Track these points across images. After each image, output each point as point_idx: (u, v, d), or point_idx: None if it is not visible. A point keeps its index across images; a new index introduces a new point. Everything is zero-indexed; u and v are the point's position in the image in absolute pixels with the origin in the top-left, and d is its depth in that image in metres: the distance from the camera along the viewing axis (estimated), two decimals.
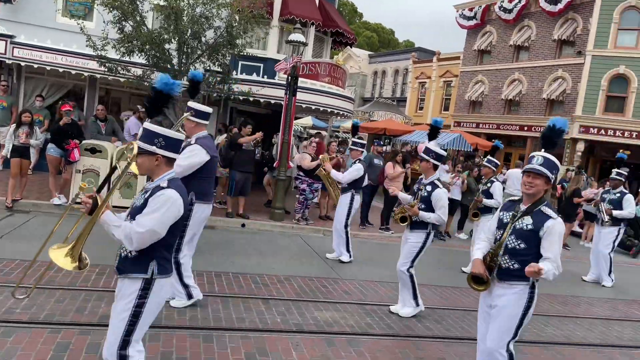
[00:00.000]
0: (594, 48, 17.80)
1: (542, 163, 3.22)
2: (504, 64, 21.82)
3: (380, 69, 33.45)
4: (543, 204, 3.25)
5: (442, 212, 5.08)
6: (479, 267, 3.34)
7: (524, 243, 3.23)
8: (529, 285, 3.27)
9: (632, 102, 17.29)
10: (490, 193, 7.70)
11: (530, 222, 3.22)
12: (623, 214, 7.93)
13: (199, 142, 4.57)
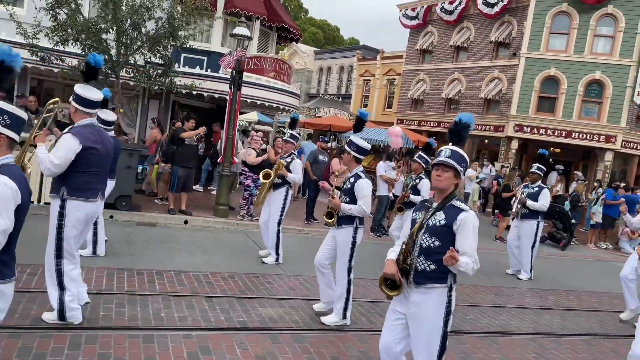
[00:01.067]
0: (528, 50, 18.69)
1: (450, 156, 3.12)
2: (444, 63, 22.51)
3: (325, 65, 33.62)
4: (454, 198, 3.13)
5: (364, 202, 4.76)
6: (391, 268, 3.10)
7: (438, 240, 3.05)
8: (446, 287, 3.07)
9: (562, 102, 18.30)
10: (418, 189, 7.71)
11: (443, 218, 3.06)
12: (535, 205, 8.16)
13: (72, 131, 4.03)
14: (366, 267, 7.62)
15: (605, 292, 8.46)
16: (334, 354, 4.34)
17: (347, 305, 4.99)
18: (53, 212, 4.06)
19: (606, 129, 17.73)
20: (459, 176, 3.13)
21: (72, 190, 4.04)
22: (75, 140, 3.95)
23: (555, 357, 5.08)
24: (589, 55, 17.90)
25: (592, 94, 18.12)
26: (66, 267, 4.07)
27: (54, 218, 4.05)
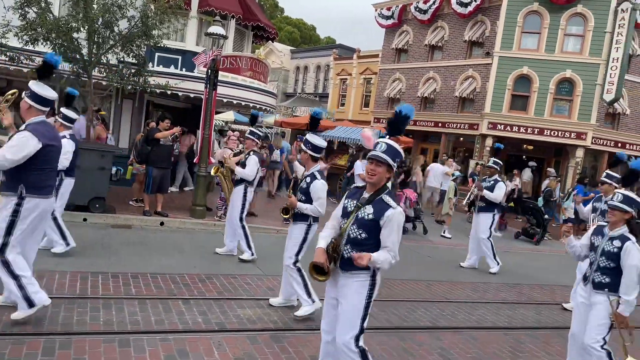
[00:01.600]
0: (501, 49, 18.99)
1: (385, 150, 3.12)
2: (419, 62, 22.71)
3: (302, 64, 33.59)
4: (385, 192, 3.17)
5: (319, 203, 4.90)
6: (320, 257, 3.22)
7: (365, 232, 3.16)
8: (369, 274, 3.22)
9: (534, 100, 18.66)
10: None
11: (372, 212, 3.14)
12: (490, 195, 8.30)
13: (29, 128, 3.96)
14: None
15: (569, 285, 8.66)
16: (313, 353, 4.33)
17: (309, 290, 5.08)
18: (6, 208, 4.00)
19: (577, 126, 18.15)
20: (392, 171, 3.18)
21: (30, 188, 4.03)
22: (34, 139, 3.92)
23: (530, 351, 5.18)
24: (559, 54, 18.29)
25: (563, 92, 18.52)
26: (10, 256, 4.01)
27: (7, 215, 4.00)
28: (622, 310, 3.84)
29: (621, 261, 3.91)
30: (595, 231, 4.22)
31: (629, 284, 3.85)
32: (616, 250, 3.93)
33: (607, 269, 3.99)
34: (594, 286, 4.06)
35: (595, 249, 4.12)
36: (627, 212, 3.96)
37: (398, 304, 6.09)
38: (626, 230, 3.99)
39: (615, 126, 19.13)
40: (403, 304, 6.15)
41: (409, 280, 7.35)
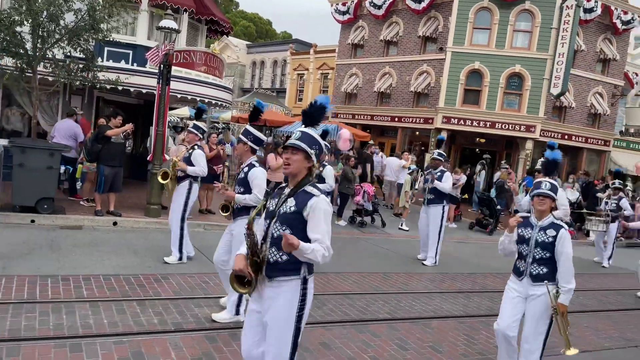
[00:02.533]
0: (453, 45, 19.41)
1: (299, 138, 2.90)
2: (375, 57, 22.92)
3: (258, 59, 33.29)
4: (308, 183, 2.92)
5: (258, 190, 4.63)
6: (240, 263, 2.85)
7: (289, 228, 2.84)
8: (300, 279, 2.88)
9: (485, 95, 19.18)
10: (323, 177, 7.56)
11: (294, 204, 2.87)
12: (441, 185, 8.38)
13: None
14: None
15: None
16: None
17: (240, 300, 4.77)
18: None
19: (526, 119, 18.79)
20: (311, 160, 2.92)
21: None
22: None
23: (484, 338, 5.35)
24: (509, 50, 18.86)
25: (513, 86, 19.12)
26: None
27: None
28: (564, 300, 3.78)
29: (556, 249, 3.83)
30: (522, 223, 4.05)
31: (568, 272, 3.82)
32: (551, 239, 3.84)
33: (543, 259, 3.89)
34: (533, 279, 3.94)
35: (527, 241, 3.97)
36: (554, 199, 3.92)
37: (356, 297, 6.16)
38: (554, 218, 3.94)
39: (561, 119, 19.92)
40: (361, 296, 6.22)
41: (366, 273, 7.45)
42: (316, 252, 2.74)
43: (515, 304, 4.00)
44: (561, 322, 3.79)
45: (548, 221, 3.92)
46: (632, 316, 6.94)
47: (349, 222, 11.75)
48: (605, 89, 20.28)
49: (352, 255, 8.57)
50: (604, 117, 20.37)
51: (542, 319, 3.88)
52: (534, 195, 3.95)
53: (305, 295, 2.91)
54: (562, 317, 3.77)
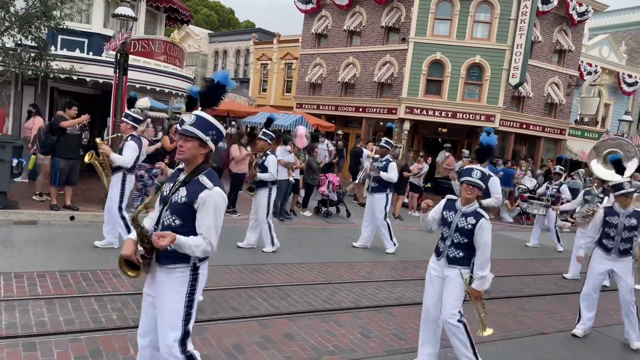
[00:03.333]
0: (415, 35, 19.57)
1: (193, 123, 2.79)
2: (339, 48, 22.89)
3: (221, 48, 32.75)
4: (203, 172, 2.81)
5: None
6: (128, 249, 2.84)
7: (179, 219, 2.78)
8: (189, 267, 2.85)
9: (447, 85, 19.47)
10: (265, 166, 7.43)
11: (185, 194, 2.77)
12: (387, 175, 8.34)
13: None
14: (265, 252, 7.62)
15: None
16: (235, 342, 4.29)
17: None
18: None
19: (486, 109, 19.19)
20: (207, 146, 2.81)
21: None
22: None
23: None
24: (469, 40, 19.16)
25: (473, 76, 19.47)
26: None
27: None
28: (477, 286, 3.87)
29: (475, 238, 3.88)
30: (447, 205, 4.11)
31: (483, 261, 3.88)
32: (470, 227, 3.89)
33: (461, 244, 3.95)
34: (448, 261, 4.01)
35: (449, 225, 4.04)
36: (482, 188, 3.94)
37: (320, 287, 6.17)
38: (478, 206, 3.96)
39: (520, 108, 20.43)
40: (325, 286, 6.24)
41: (331, 262, 7.48)
42: (195, 248, 2.72)
43: (436, 282, 4.10)
44: (475, 306, 3.93)
45: (472, 208, 3.96)
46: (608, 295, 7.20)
47: (314, 212, 11.76)
48: (561, 79, 20.91)
49: (317, 246, 8.58)
50: (560, 106, 21.02)
51: (456, 300, 3.94)
52: (463, 181, 3.96)
53: (195, 281, 2.90)
54: (476, 301, 3.90)
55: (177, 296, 2.85)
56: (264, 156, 7.50)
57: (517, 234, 12.62)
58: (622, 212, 5.34)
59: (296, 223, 10.61)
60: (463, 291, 3.92)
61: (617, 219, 5.33)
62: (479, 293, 3.89)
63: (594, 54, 22.43)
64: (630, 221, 5.28)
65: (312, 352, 4.31)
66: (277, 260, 7.19)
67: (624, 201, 5.32)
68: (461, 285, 3.90)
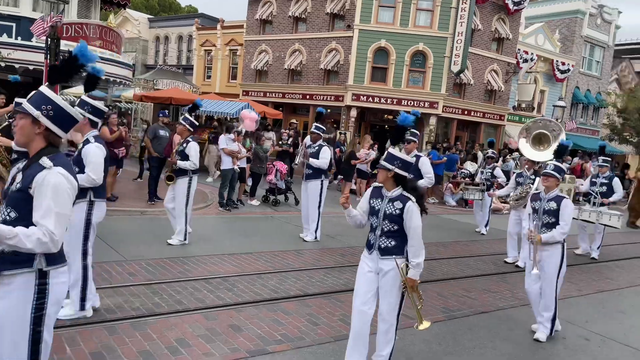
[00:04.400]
0: (360, 23, 19.67)
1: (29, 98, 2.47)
2: (285, 34, 22.67)
3: (162, 34, 31.66)
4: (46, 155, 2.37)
5: (91, 168, 4.16)
6: None
7: (14, 211, 2.32)
8: (34, 273, 2.33)
9: (392, 72, 19.73)
10: (186, 154, 7.07)
11: (21, 179, 2.36)
12: (316, 163, 8.16)
13: None
14: (211, 243, 7.49)
15: (433, 242, 9.44)
16: (178, 336, 4.18)
17: (85, 294, 4.30)
18: None
19: (430, 96, 19.62)
20: (41, 125, 2.39)
21: None
22: None
23: None
24: (412, 28, 19.45)
25: (417, 64, 19.82)
26: None
27: None
28: (413, 275, 3.66)
29: (404, 223, 3.65)
30: (374, 193, 3.87)
31: (416, 246, 3.67)
32: (398, 212, 3.65)
33: (391, 232, 3.70)
34: (381, 252, 3.74)
35: (377, 213, 3.78)
36: (389, 170, 3.69)
37: (268, 276, 6.12)
38: (403, 190, 3.73)
39: (462, 95, 21.03)
40: (273, 275, 6.19)
41: (279, 251, 7.43)
42: (25, 238, 2.17)
43: (369, 278, 3.81)
44: (412, 297, 3.71)
45: (397, 192, 3.72)
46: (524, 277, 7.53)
47: (262, 201, 11.65)
48: (500, 67, 21.64)
49: (265, 234, 8.51)
50: (499, 93, 21.79)
51: (394, 295, 3.74)
52: (377, 167, 3.83)
53: (44, 292, 2.34)
54: (412, 291, 3.69)
55: (18, 312, 2.28)
56: (185, 143, 7.07)
57: (461, 217, 13.02)
58: (544, 196, 5.11)
59: (244, 212, 10.48)
60: (400, 284, 3.71)
61: (538, 204, 5.12)
62: (415, 282, 3.68)
63: (530, 42, 23.34)
64: (549, 205, 5.02)
65: (259, 342, 4.26)
66: (224, 250, 7.06)
67: (544, 182, 5.13)
68: (397, 277, 3.69)
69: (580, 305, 6.37)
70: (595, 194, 9.07)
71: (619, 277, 8.12)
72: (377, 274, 3.79)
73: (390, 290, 3.74)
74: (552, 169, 5.13)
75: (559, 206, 4.94)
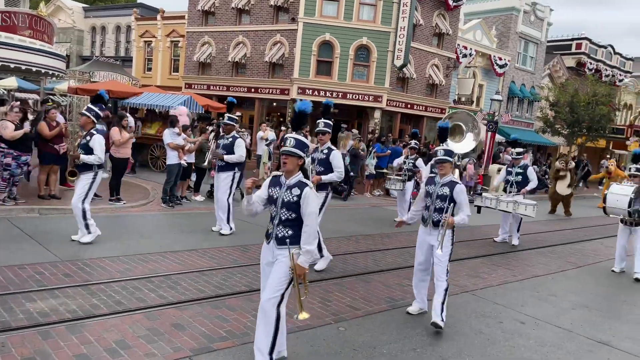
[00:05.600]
0: (305, 16, 19.62)
1: None
2: (228, 26, 22.26)
3: (98, 24, 30.30)
4: None
5: None
6: None
7: None
8: None
9: (336, 66, 19.83)
10: (90, 147, 6.65)
11: None
12: (232, 158, 8.02)
13: None
14: (153, 240, 7.28)
15: (378, 233, 9.63)
16: (118, 338, 4.03)
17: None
18: None
19: (374, 90, 19.89)
20: None
21: None
22: None
23: (337, 298, 5.60)
24: (356, 22, 19.62)
25: (361, 58, 20.02)
26: None
27: None
28: (302, 262, 3.53)
29: (301, 209, 3.57)
30: (272, 182, 3.77)
31: (310, 233, 3.57)
32: (296, 199, 3.57)
33: (289, 220, 3.61)
34: (277, 242, 3.65)
35: (275, 202, 3.68)
36: (300, 157, 3.64)
37: (212, 273, 6.02)
38: (302, 176, 3.66)
39: (405, 89, 21.45)
40: (218, 272, 6.09)
41: (224, 247, 7.33)
42: None
43: (268, 272, 3.73)
44: (297, 286, 3.57)
45: (295, 179, 3.64)
46: (462, 265, 7.81)
47: (207, 196, 11.44)
48: (441, 61, 22.24)
49: (209, 231, 8.35)
50: (440, 87, 22.39)
51: (277, 280, 3.61)
52: (281, 152, 3.68)
53: None
54: (300, 278, 3.56)
55: None
56: (89, 136, 6.70)
57: None
58: (438, 181, 5.11)
59: (188, 208, 10.26)
60: (289, 271, 3.57)
61: (432, 188, 5.13)
62: (304, 270, 3.55)
63: (469, 37, 24.12)
64: (443, 190, 5.03)
65: (203, 340, 4.19)
66: (167, 248, 6.88)
67: (440, 170, 5.12)
68: (287, 264, 3.57)
69: (516, 290, 6.67)
70: (511, 183, 9.46)
71: (551, 262, 8.58)
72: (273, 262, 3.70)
73: (278, 272, 3.61)
74: (443, 154, 5.11)
75: (452, 192, 4.98)
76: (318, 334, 4.58)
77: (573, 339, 5.10)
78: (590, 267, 8.51)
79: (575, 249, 10.03)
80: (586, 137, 26.29)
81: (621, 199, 7.85)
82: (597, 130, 25.90)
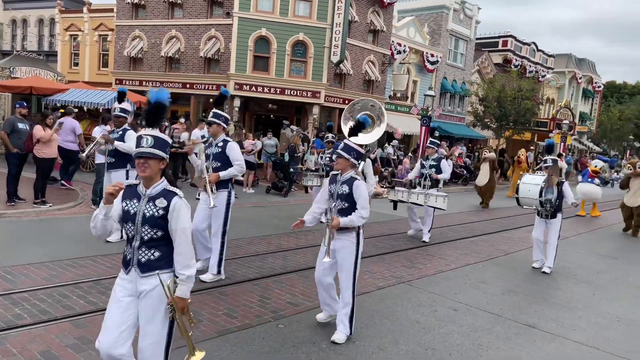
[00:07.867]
0: (240, 10, 19.31)
1: None
2: (160, 20, 21.53)
3: (19, 17, 28.39)
4: None
5: None
6: None
7: None
8: None
9: (273, 61, 19.69)
10: None
11: None
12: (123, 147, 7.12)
13: None
14: (83, 244, 6.95)
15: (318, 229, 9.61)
16: (43, 348, 3.80)
17: None
18: None
19: (312, 86, 19.94)
20: None
21: None
22: None
23: (276, 295, 5.57)
24: (292, 18, 19.56)
25: (298, 53, 20.01)
26: None
27: None
28: (183, 293, 2.83)
29: (169, 225, 2.85)
30: (127, 194, 2.94)
31: (186, 253, 2.85)
32: (161, 212, 2.84)
33: (153, 240, 2.87)
34: (142, 269, 2.87)
35: (133, 218, 2.88)
36: (162, 159, 2.91)
37: None
38: (166, 183, 2.94)
39: (342, 85, 21.68)
40: None
41: None
42: None
43: (124, 308, 2.91)
44: (181, 322, 2.89)
45: (158, 188, 2.91)
46: (401, 256, 8.02)
47: None
48: (376, 58, 22.65)
49: None
50: (376, 83, 22.82)
51: (157, 323, 2.89)
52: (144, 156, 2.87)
53: None
54: (182, 314, 2.88)
55: None
56: None
57: None
58: (339, 179, 4.50)
59: None
60: (165, 310, 2.88)
61: (334, 187, 4.52)
62: (186, 302, 2.85)
63: (403, 34, 24.70)
64: (342, 189, 4.44)
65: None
66: (97, 251, 6.57)
67: (335, 165, 4.56)
68: (161, 301, 2.86)
69: (450, 279, 6.92)
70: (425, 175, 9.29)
71: (482, 250, 8.97)
72: (137, 297, 2.91)
73: (152, 317, 2.88)
74: (342, 148, 4.50)
75: (351, 189, 4.38)
76: (257, 333, 4.54)
77: (502, 323, 5.36)
78: (518, 253, 8.98)
79: (505, 237, 10.55)
80: (513, 130, 27.67)
81: (532, 189, 7.79)
82: (522, 123, 27.32)
